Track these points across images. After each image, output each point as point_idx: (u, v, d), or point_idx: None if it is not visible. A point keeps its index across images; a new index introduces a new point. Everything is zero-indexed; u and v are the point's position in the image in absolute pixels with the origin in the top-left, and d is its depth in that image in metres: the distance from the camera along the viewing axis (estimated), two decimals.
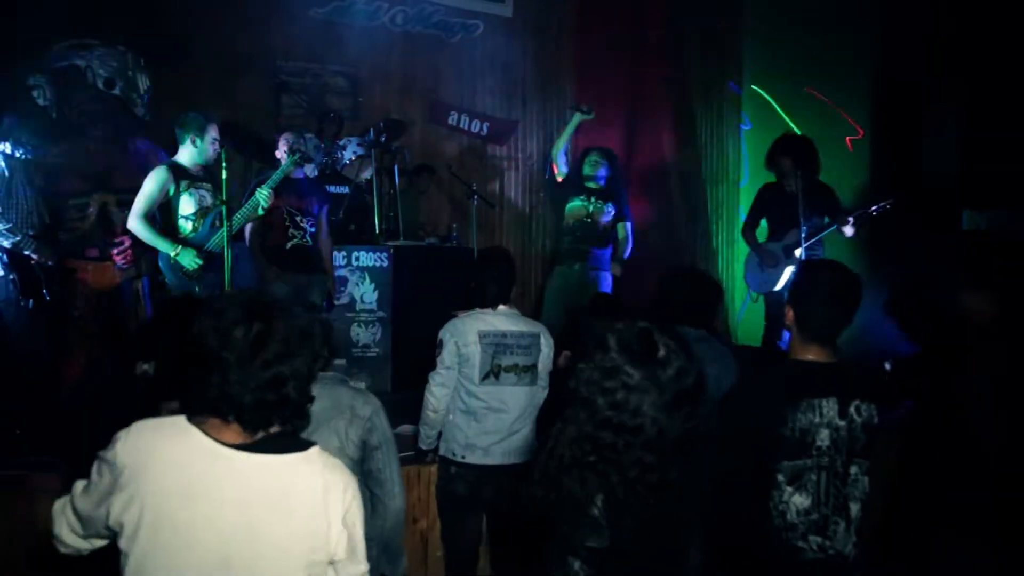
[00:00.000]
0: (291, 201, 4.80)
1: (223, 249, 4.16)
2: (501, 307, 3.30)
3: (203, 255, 4.29)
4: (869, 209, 5.12)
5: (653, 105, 7.57)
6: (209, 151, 4.40)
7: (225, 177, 4.17)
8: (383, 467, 2.57)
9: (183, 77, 5.69)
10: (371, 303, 5.53)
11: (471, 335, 3.22)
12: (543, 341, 3.35)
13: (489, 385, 3.24)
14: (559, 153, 5.92)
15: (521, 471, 3.27)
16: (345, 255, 5.45)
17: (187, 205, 4.36)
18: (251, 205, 4.43)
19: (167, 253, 4.26)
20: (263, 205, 4.43)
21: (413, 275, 5.63)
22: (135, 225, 4.25)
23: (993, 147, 5.65)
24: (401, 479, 2.64)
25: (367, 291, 5.52)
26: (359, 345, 5.48)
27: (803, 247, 5.09)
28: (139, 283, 4.60)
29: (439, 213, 7.03)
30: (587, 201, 5.69)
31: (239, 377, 1.59)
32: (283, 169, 4.61)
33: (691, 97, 7.82)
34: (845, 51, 6.88)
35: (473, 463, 3.25)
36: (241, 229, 4.56)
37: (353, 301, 5.47)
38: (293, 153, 4.66)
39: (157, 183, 4.28)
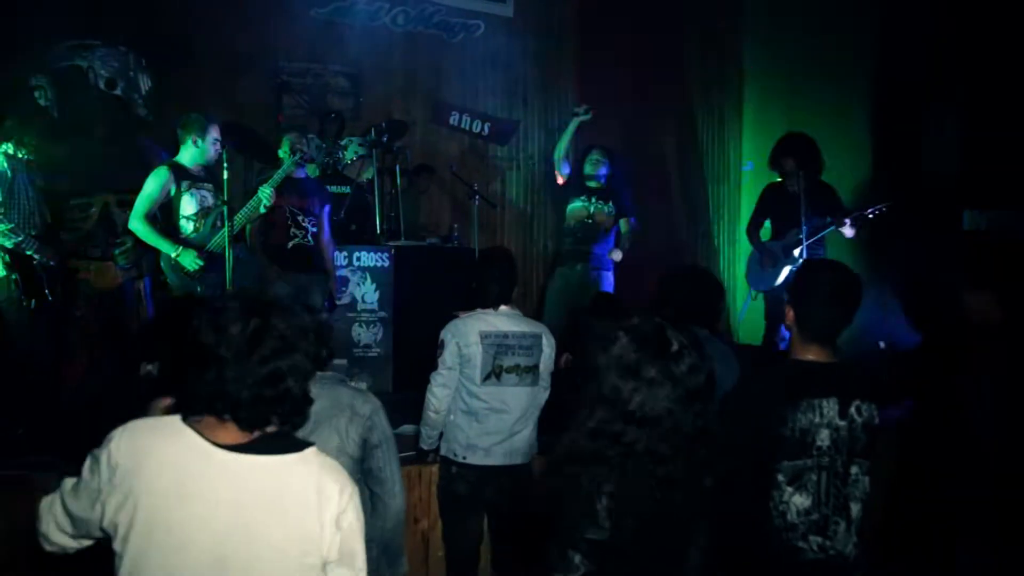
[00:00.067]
0: (293, 201, 4.80)
1: (224, 249, 4.16)
2: (503, 307, 3.29)
3: (204, 256, 4.29)
4: (865, 211, 5.12)
5: (653, 105, 7.58)
6: (210, 151, 4.39)
7: (226, 177, 4.18)
8: (383, 465, 2.56)
9: (184, 77, 5.70)
10: (372, 303, 5.53)
11: (472, 335, 3.21)
12: (545, 342, 3.34)
13: (490, 386, 3.23)
14: (561, 159, 5.90)
15: (522, 472, 3.28)
16: (346, 255, 5.45)
17: (188, 205, 4.36)
18: (252, 204, 4.44)
19: (168, 254, 4.26)
20: (265, 203, 4.43)
21: (414, 275, 5.63)
22: (136, 225, 4.24)
23: (993, 147, 5.64)
24: (401, 478, 2.63)
25: (368, 291, 5.52)
26: (360, 345, 5.48)
27: (803, 247, 5.10)
28: (141, 283, 4.60)
29: (440, 213, 7.04)
30: (588, 202, 5.68)
31: (236, 373, 1.57)
32: (285, 168, 4.62)
33: (691, 97, 7.83)
34: (845, 51, 6.86)
35: (474, 464, 3.24)
36: (242, 229, 4.57)
37: (354, 301, 5.47)
38: (294, 153, 4.66)
39: (158, 183, 4.27)
